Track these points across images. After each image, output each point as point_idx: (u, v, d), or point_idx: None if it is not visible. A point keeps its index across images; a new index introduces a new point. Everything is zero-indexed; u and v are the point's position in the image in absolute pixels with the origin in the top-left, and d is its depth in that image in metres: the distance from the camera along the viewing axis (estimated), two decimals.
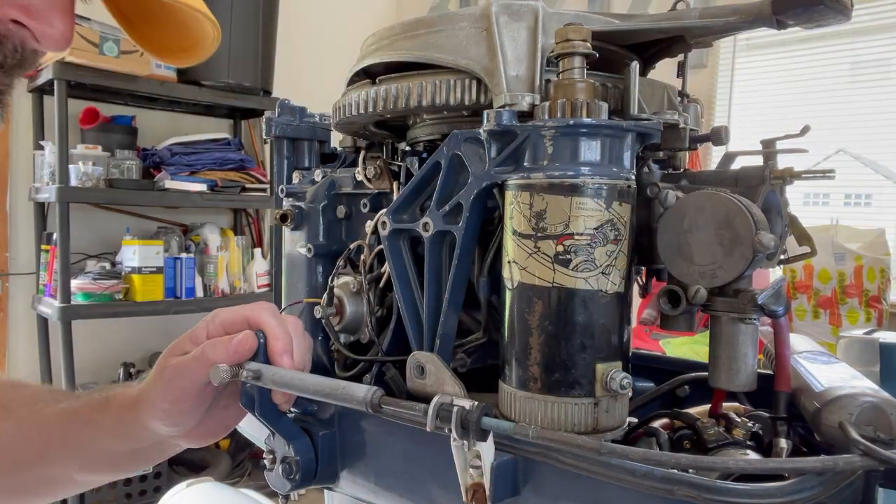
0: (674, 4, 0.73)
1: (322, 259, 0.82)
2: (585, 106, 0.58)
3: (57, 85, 2.71)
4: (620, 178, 0.59)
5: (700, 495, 0.48)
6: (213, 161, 3.20)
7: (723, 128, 0.71)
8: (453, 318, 0.67)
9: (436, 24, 0.70)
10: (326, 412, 0.77)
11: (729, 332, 0.62)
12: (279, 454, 0.74)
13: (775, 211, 0.64)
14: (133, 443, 0.74)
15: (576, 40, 0.60)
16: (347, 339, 0.79)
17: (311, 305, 0.79)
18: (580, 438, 0.52)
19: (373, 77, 0.76)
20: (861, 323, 2.64)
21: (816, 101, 3.10)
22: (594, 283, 0.58)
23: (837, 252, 2.70)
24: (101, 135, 3.04)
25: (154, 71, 2.92)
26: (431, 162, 0.67)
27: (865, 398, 0.58)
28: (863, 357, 1.54)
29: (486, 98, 0.66)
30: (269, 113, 0.93)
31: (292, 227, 0.83)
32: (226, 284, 3.25)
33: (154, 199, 3.08)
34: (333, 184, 0.83)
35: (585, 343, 0.58)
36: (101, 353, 3.29)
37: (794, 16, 0.59)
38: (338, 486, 0.78)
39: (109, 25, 2.76)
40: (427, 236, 0.66)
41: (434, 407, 0.57)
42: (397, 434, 0.69)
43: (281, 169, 0.92)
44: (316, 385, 0.64)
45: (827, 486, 0.50)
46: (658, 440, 0.67)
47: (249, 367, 0.66)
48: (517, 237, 0.60)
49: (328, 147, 0.96)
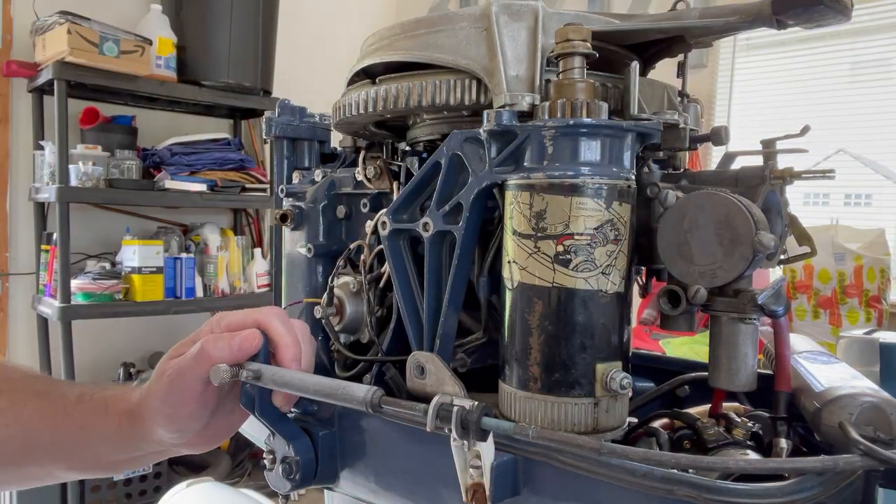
0: (674, 4, 0.73)
1: (322, 259, 0.82)
2: (585, 106, 0.58)
3: (57, 85, 2.71)
4: (620, 178, 0.59)
5: (700, 495, 0.48)
6: (213, 161, 3.20)
7: (723, 128, 0.71)
8: (453, 318, 0.67)
9: (436, 24, 0.70)
10: (326, 412, 0.76)
11: (729, 332, 0.62)
12: (279, 454, 0.74)
13: (775, 211, 0.64)
14: (132, 452, 0.71)
15: (576, 40, 0.60)
16: (347, 339, 0.79)
17: (311, 305, 0.79)
18: (580, 438, 0.52)
19: (373, 77, 0.76)
20: (861, 323, 2.64)
21: (816, 101, 3.10)
22: (594, 283, 0.58)
23: (837, 252, 2.70)
24: (101, 135, 3.03)
25: (154, 71, 2.92)
26: (431, 162, 0.67)
27: (865, 398, 0.58)
28: (863, 357, 1.54)
29: (486, 98, 0.66)
30: (269, 113, 0.93)
31: (292, 227, 0.83)
32: (226, 284, 3.25)
33: (154, 199, 3.08)
34: (333, 184, 0.83)
35: (585, 343, 0.58)
36: (101, 353, 3.29)
37: (794, 16, 0.59)
38: (338, 486, 0.78)
39: (109, 25, 2.77)
40: (427, 236, 0.66)
41: (434, 407, 0.57)
42: (397, 434, 0.69)
43: (281, 169, 0.92)
44: (316, 385, 0.64)
45: (827, 486, 0.50)
46: (658, 440, 0.67)
47: (249, 367, 0.66)
48: (517, 237, 0.60)
49: (328, 147, 0.96)
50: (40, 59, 2.85)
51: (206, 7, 3.08)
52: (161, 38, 2.96)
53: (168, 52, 2.99)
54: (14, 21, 3.01)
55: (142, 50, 2.80)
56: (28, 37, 2.95)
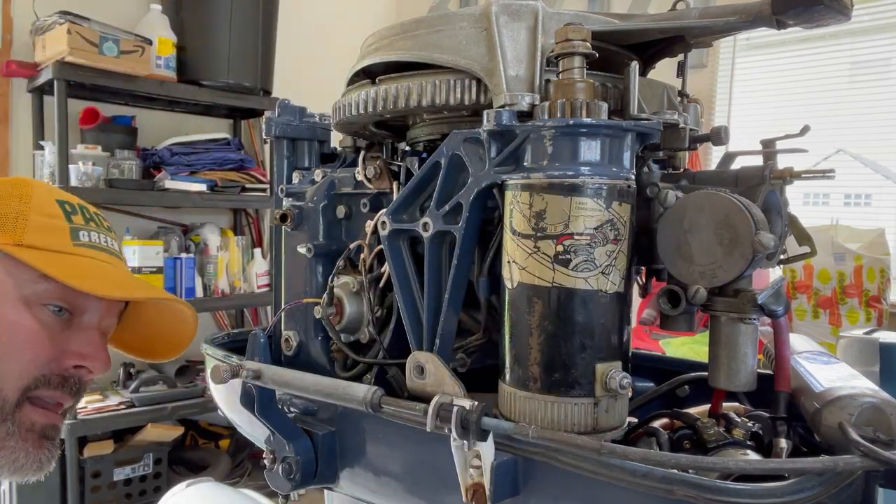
0: (674, 4, 0.73)
1: (322, 259, 0.82)
2: (585, 106, 0.58)
3: (57, 85, 2.70)
4: (620, 178, 0.59)
5: (700, 495, 0.48)
6: (213, 161, 3.20)
7: (722, 128, 0.71)
8: (453, 318, 0.67)
9: (436, 24, 0.70)
10: (326, 412, 0.77)
11: (729, 332, 0.62)
12: (279, 454, 0.74)
13: (775, 211, 0.64)
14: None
15: (576, 40, 0.60)
16: (347, 339, 0.79)
17: (311, 305, 0.79)
18: (580, 438, 0.52)
19: (373, 77, 0.76)
20: (861, 323, 2.63)
21: (816, 101, 3.10)
22: (594, 283, 0.58)
23: (837, 252, 2.70)
24: (100, 135, 3.03)
25: (154, 71, 2.92)
26: (431, 162, 0.67)
27: (865, 398, 0.58)
28: (863, 357, 1.54)
29: (485, 98, 0.66)
30: (269, 113, 0.93)
31: (292, 227, 0.83)
32: (226, 284, 3.25)
33: (154, 199, 3.08)
34: (333, 184, 0.83)
35: (585, 343, 0.58)
36: None
37: (794, 16, 0.59)
38: (338, 486, 0.78)
39: (109, 25, 2.76)
40: (427, 236, 0.66)
41: (434, 407, 0.57)
42: (397, 434, 0.69)
43: (281, 169, 0.92)
44: (316, 385, 0.64)
45: (827, 486, 0.50)
46: (658, 440, 0.67)
47: (249, 367, 0.66)
48: (517, 237, 0.60)
49: (328, 147, 0.96)
50: (40, 59, 2.85)
51: (206, 7, 3.08)
52: (161, 38, 2.95)
53: (168, 52, 2.98)
54: (14, 21, 3.00)
55: (142, 50, 2.80)
56: (28, 37, 2.95)
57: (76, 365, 0.79)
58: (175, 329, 0.91)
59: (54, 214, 0.80)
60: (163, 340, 0.93)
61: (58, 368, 0.78)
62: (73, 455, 2.64)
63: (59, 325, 0.78)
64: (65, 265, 0.76)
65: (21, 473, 0.77)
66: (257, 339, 0.76)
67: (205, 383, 2.91)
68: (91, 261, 0.80)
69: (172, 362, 2.93)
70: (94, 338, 0.81)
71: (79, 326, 0.80)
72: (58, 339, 0.78)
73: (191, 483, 1.26)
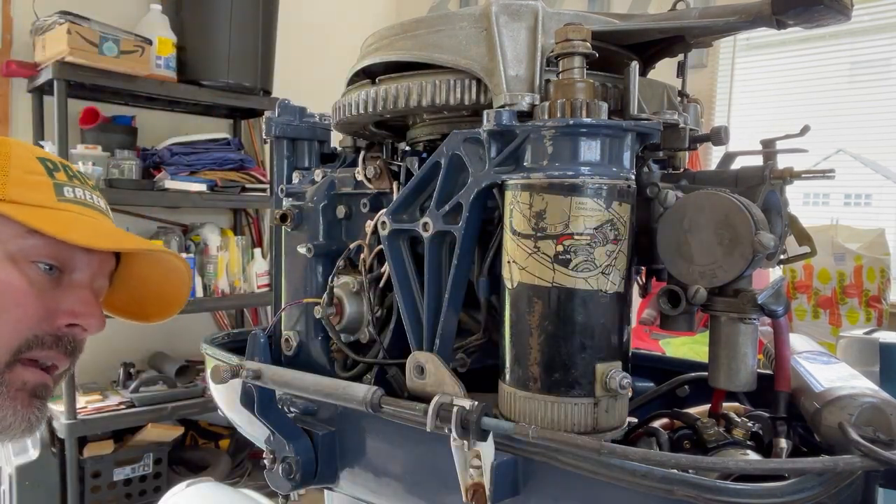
0: (674, 4, 0.73)
1: (322, 259, 0.82)
2: (585, 106, 0.58)
3: (57, 85, 2.70)
4: (620, 178, 0.59)
5: (700, 495, 0.48)
6: (213, 161, 3.20)
7: (722, 128, 0.71)
8: (453, 318, 0.67)
9: (436, 24, 0.70)
10: (326, 412, 0.77)
11: (729, 332, 0.62)
12: (279, 454, 0.74)
13: (775, 211, 0.64)
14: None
15: (576, 40, 0.60)
16: (347, 339, 0.79)
17: (311, 305, 0.79)
18: (580, 438, 0.52)
19: (373, 77, 0.76)
20: (861, 323, 2.63)
21: (816, 101, 3.10)
22: (594, 283, 0.58)
23: (837, 252, 2.70)
24: (100, 135, 3.03)
25: (154, 71, 2.92)
26: (431, 162, 0.67)
27: (865, 398, 0.58)
28: (863, 357, 1.54)
29: (485, 98, 0.66)
30: (269, 113, 0.93)
31: (292, 227, 0.83)
32: (226, 284, 3.25)
33: (154, 199, 3.08)
34: (333, 184, 0.83)
35: (585, 343, 0.58)
36: (101, 353, 3.29)
37: (794, 16, 0.59)
38: (338, 486, 0.78)
39: (109, 25, 2.76)
40: (427, 236, 0.66)
41: (434, 407, 0.57)
42: (397, 434, 0.69)
43: (281, 169, 0.92)
44: (316, 385, 0.64)
45: (827, 486, 0.50)
46: (658, 440, 0.67)
47: (249, 367, 0.66)
48: (517, 237, 0.60)
49: (328, 147, 0.96)
50: (40, 59, 2.85)
51: (206, 7, 3.08)
52: (161, 38, 2.95)
53: (168, 52, 2.98)
54: (14, 21, 3.00)
55: (142, 50, 2.80)
56: (28, 37, 2.95)
57: (69, 324, 0.77)
58: (169, 285, 0.88)
59: (36, 171, 0.76)
60: (157, 299, 0.90)
61: (50, 328, 0.75)
62: (73, 455, 2.64)
63: (49, 283, 0.75)
64: (51, 219, 0.73)
65: (9, 433, 0.74)
66: (257, 339, 0.76)
67: (205, 383, 2.91)
68: (78, 215, 0.77)
69: (172, 362, 2.93)
70: (86, 296, 0.78)
71: (70, 285, 0.77)
72: (48, 298, 0.75)
73: (191, 483, 1.26)
